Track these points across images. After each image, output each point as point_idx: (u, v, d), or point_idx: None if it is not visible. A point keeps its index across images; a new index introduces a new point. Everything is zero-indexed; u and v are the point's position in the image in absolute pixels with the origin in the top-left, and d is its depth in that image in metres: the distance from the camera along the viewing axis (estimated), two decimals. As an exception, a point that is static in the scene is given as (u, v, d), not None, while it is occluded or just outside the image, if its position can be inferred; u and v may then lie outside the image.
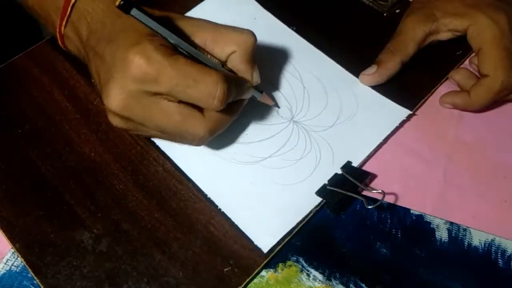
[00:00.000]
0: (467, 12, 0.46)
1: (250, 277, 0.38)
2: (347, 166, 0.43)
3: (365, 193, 0.42)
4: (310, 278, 0.39)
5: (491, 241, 0.40)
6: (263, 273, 0.39)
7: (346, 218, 0.41)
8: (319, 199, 0.41)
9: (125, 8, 0.32)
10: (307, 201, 0.41)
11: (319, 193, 0.41)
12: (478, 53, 0.45)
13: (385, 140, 0.45)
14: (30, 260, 0.38)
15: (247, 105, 0.42)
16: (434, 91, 0.48)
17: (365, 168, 0.44)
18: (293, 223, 0.40)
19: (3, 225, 0.40)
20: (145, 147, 0.44)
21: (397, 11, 0.53)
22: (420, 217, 0.41)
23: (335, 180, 0.42)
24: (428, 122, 0.47)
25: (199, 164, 0.43)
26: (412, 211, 0.42)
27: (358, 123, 0.45)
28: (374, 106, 0.46)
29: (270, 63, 0.46)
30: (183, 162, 0.43)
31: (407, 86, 0.48)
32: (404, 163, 0.44)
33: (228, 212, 0.40)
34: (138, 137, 0.44)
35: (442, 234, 0.41)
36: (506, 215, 0.42)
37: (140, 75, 0.33)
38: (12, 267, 0.39)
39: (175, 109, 0.35)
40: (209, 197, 0.41)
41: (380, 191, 0.40)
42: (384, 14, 0.53)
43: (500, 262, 0.40)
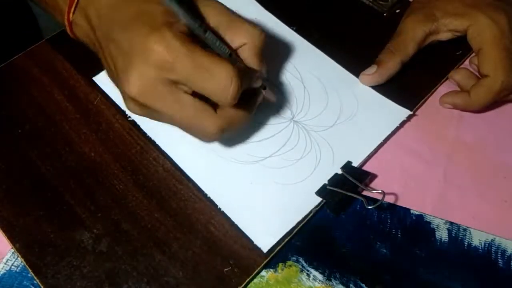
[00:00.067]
0: (467, 12, 0.46)
1: (250, 277, 0.38)
2: (347, 166, 0.43)
3: (365, 193, 0.42)
4: (310, 278, 0.39)
5: (491, 241, 0.40)
6: (263, 273, 0.39)
7: (346, 218, 0.41)
8: (319, 199, 0.41)
9: None
10: (307, 201, 0.41)
11: (319, 193, 0.41)
12: (478, 53, 0.45)
13: (385, 140, 0.45)
14: (30, 260, 0.38)
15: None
16: (434, 91, 0.48)
17: (365, 168, 0.44)
18: (293, 223, 0.40)
19: (3, 225, 0.40)
20: (145, 147, 0.44)
21: (397, 11, 0.53)
22: (420, 217, 0.41)
23: (335, 180, 0.42)
24: (428, 122, 0.47)
25: (199, 164, 0.43)
26: (412, 211, 0.42)
27: (358, 123, 0.45)
28: (374, 106, 0.47)
29: (271, 63, 0.46)
30: (183, 162, 0.43)
31: (407, 86, 0.48)
32: (404, 163, 0.44)
33: (228, 212, 0.40)
34: (138, 137, 0.44)
35: (442, 234, 0.41)
36: (506, 215, 0.42)
37: (159, 62, 0.33)
38: (12, 267, 0.39)
39: (190, 102, 0.36)
40: (209, 196, 0.41)
41: (380, 191, 0.40)
42: (384, 14, 0.53)
43: (500, 262, 0.40)
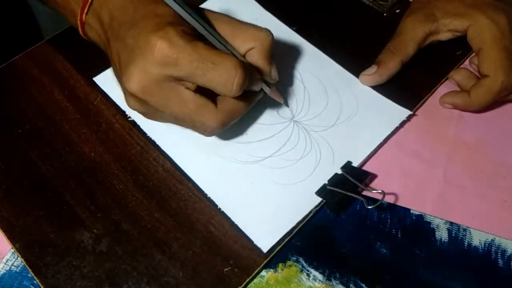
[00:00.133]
0: (467, 13, 0.46)
1: (250, 277, 0.38)
2: (347, 166, 0.43)
3: (365, 193, 0.42)
4: (310, 278, 0.38)
5: (491, 241, 0.40)
6: (263, 273, 0.39)
7: (346, 218, 0.41)
8: (319, 199, 0.41)
9: None
10: (307, 201, 0.41)
11: (319, 193, 0.41)
12: (478, 54, 0.45)
13: (385, 140, 0.45)
14: (30, 260, 0.38)
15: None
16: (434, 91, 0.48)
17: (365, 168, 0.44)
18: (293, 223, 0.40)
19: (3, 225, 0.40)
20: (145, 147, 0.44)
21: (397, 11, 0.53)
22: (420, 217, 0.41)
23: (335, 180, 0.42)
24: (428, 122, 0.47)
25: (199, 164, 0.43)
26: (412, 211, 0.42)
27: (358, 123, 0.45)
28: (374, 106, 0.47)
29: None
30: (183, 162, 0.43)
31: (407, 86, 0.48)
32: (404, 163, 0.44)
33: (228, 212, 0.40)
34: (138, 137, 0.44)
35: (442, 234, 0.41)
36: (506, 215, 0.42)
37: (162, 58, 0.34)
38: (12, 267, 0.39)
39: (191, 97, 0.36)
40: (209, 196, 0.41)
41: (380, 191, 0.40)
42: (384, 14, 0.53)
43: (500, 262, 0.40)
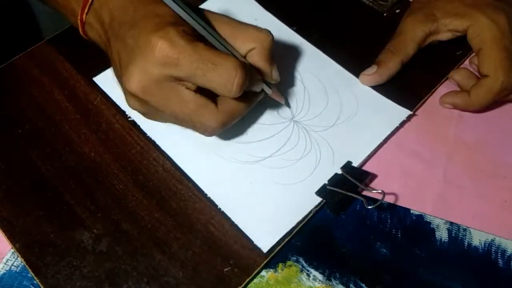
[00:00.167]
0: (467, 13, 0.46)
1: (250, 277, 0.38)
2: (347, 166, 0.43)
3: (365, 193, 0.42)
4: (310, 278, 0.38)
5: (491, 241, 0.40)
6: (263, 273, 0.39)
7: (346, 218, 0.41)
8: (319, 199, 0.41)
9: None
10: (307, 201, 0.41)
11: (319, 193, 0.41)
12: (478, 53, 0.45)
13: (385, 140, 0.45)
14: (30, 260, 0.38)
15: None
16: (434, 91, 0.48)
17: (365, 168, 0.44)
18: (293, 223, 0.40)
19: (3, 225, 0.40)
20: (145, 147, 0.44)
21: (397, 11, 0.53)
22: (420, 217, 0.41)
23: (335, 180, 0.42)
24: (428, 122, 0.47)
25: (199, 164, 0.43)
26: (412, 211, 0.42)
27: (358, 123, 0.45)
28: (374, 106, 0.47)
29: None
30: (183, 162, 0.43)
31: (407, 86, 0.48)
32: (404, 163, 0.44)
33: (228, 212, 0.40)
34: (138, 137, 0.44)
35: (442, 234, 0.41)
36: (506, 215, 0.42)
37: (162, 58, 0.34)
38: (12, 267, 0.39)
39: (192, 97, 0.36)
40: (209, 196, 0.41)
41: (380, 191, 0.40)
42: (384, 14, 0.53)
43: (500, 262, 0.40)
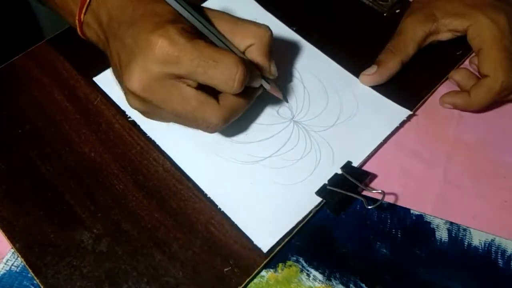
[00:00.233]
0: (467, 13, 0.46)
1: (250, 277, 0.38)
2: (347, 166, 0.43)
3: (365, 193, 0.42)
4: (310, 278, 0.38)
5: (491, 241, 0.40)
6: (263, 273, 0.39)
7: (346, 218, 0.41)
8: (319, 199, 0.41)
9: None
10: (307, 201, 0.41)
11: (319, 193, 0.41)
12: (478, 54, 0.45)
13: (385, 140, 0.45)
14: (30, 260, 0.38)
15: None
16: (434, 91, 0.48)
17: (365, 168, 0.44)
18: (293, 223, 0.40)
19: (3, 225, 0.40)
20: (145, 147, 0.44)
21: (397, 11, 0.53)
22: (420, 217, 0.41)
23: (335, 180, 0.42)
24: (428, 122, 0.47)
25: (199, 164, 0.43)
26: (412, 211, 0.42)
27: (358, 123, 0.45)
28: (374, 106, 0.47)
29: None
30: (183, 162, 0.43)
31: (407, 86, 0.48)
32: (404, 163, 0.44)
33: (228, 212, 0.40)
34: (138, 137, 0.44)
35: (442, 234, 0.41)
36: (506, 215, 0.42)
37: (163, 56, 0.34)
38: (12, 267, 0.39)
39: (193, 94, 0.36)
40: (209, 196, 0.41)
41: (380, 191, 0.40)
42: (384, 14, 0.53)
43: (500, 262, 0.40)
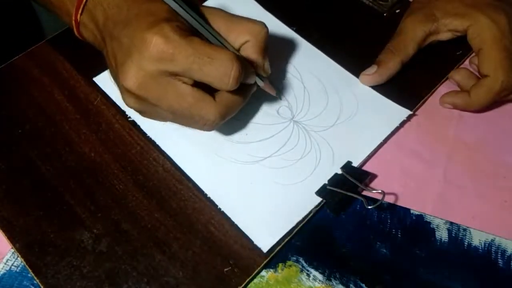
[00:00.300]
0: (467, 13, 0.46)
1: (250, 277, 0.38)
2: (347, 166, 0.43)
3: (365, 193, 0.42)
4: (310, 278, 0.38)
5: (491, 241, 0.40)
6: (263, 273, 0.39)
7: (346, 218, 0.41)
8: (319, 199, 0.41)
9: None
10: (307, 201, 0.41)
11: (319, 193, 0.41)
12: (478, 54, 0.45)
13: (385, 140, 0.45)
14: (30, 260, 0.38)
15: (248, 105, 0.42)
16: (434, 91, 0.48)
17: (365, 168, 0.44)
18: (293, 223, 0.40)
19: (3, 225, 0.40)
20: (145, 147, 0.44)
21: (397, 11, 0.53)
22: (420, 217, 0.41)
23: (335, 180, 0.42)
24: (428, 122, 0.47)
25: (199, 164, 0.43)
26: (412, 211, 0.42)
27: (358, 123, 0.45)
28: (374, 106, 0.47)
29: (271, 63, 0.46)
30: (183, 162, 0.43)
31: (407, 86, 0.48)
32: (404, 163, 0.44)
33: (228, 212, 0.40)
34: (138, 137, 0.44)
35: (442, 234, 0.41)
36: (506, 215, 0.42)
37: (158, 54, 0.34)
38: (12, 267, 0.39)
39: (189, 91, 0.36)
40: (209, 196, 0.41)
41: (380, 191, 0.40)
42: (384, 14, 0.53)
43: (500, 262, 0.40)
